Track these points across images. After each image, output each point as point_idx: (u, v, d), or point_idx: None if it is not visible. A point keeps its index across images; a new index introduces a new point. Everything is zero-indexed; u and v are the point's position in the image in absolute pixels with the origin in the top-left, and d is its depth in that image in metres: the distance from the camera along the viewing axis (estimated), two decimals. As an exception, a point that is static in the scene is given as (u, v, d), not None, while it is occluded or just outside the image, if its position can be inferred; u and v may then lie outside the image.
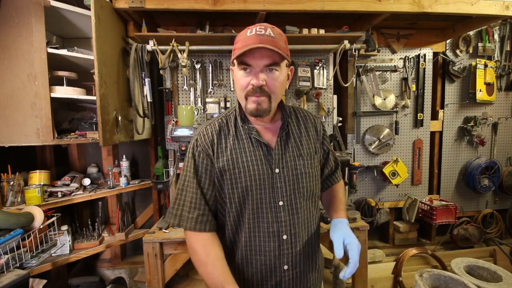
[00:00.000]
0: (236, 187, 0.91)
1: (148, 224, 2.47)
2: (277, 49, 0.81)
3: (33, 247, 1.61)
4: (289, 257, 0.93)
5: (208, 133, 0.96)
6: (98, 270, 2.40)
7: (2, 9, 1.60)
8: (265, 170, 0.91)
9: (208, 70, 2.24)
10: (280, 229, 0.91)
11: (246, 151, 0.93)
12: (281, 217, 0.91)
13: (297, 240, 0.93)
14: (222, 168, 0.92)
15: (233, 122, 0.97)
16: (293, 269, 0.94)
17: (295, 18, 2.10)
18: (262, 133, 0.95)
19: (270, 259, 0.93)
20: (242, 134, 0.95)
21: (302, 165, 0.95)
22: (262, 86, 0.84)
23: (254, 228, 0.92)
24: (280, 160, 0.93)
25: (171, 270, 1.75)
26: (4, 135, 1.65)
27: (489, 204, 2.63)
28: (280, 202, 0.92)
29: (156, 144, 2.38)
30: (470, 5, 1.93)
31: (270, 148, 0.93)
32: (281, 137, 0.95)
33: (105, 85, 1.68)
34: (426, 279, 1.66)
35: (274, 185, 0.92)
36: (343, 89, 2.36)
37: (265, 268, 0.93)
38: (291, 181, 0.93)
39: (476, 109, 2.56)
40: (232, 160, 0.92)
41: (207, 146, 0.94)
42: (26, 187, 1.74)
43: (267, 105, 0.87)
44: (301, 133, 1.00)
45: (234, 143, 0.94)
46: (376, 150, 2.44)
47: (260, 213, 0.92)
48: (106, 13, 1.71)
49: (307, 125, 1.02)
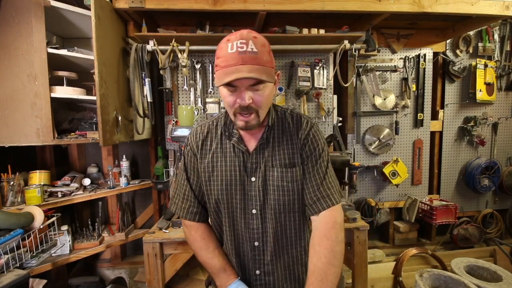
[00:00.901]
0: (212, 189, 0.94)
1: (148, 224, 2.47)
2: (259, 76, 0.75)
3: (33, 247, 1.61)
4: (261, 263, 0.94)
5: (197, 134, 0.98)
6: (98, 270, 2.40)
7: (2, 9, 1.60)
8: (241, 177, 0.92)
9: (208, 70, 2.24)
10: (252, 236, 0.93)
11: (226, 156, 0.94)
12: (253, 224, 0.92)
13: (267, 248, 0.93)
14: (203, 170, 0.95)
15: (221, 126, 0.97)
16: (265, 276, 0.95)
17: (295, 18, 2.10)
18: (245, 139, 0.94)
19: (246, 261, 0.96)
20: (225, 139, 0.95)
21: (276, 177, 0.90)
22: (249, 105, 0.81)
23: (231, 231, 0.95)
24: (258, 169, 0.92)
25: (171, 270, 1.75)
26: (4, 135, 1.65)
27: (489, 204, 2.63)
28: (254, 210, 0.92)
29: (156, 144, 2.38)
30: (470, 5, 1.93)
31: (248, 155, 0.92)
32: (260, 145, 0.92)
33: (105, 85, 1.68)
34: (426, 279, 1.66)
35: (249, 193, 0.92)
36: (343, 89, 2.36)
37: (242, 270, 0.97)
38: (264, 191, 0.91)
39: (476, 109, 2.56)
40: (213, 163, 0.94)
41: (194, 146, 0.97)
42: (26, 187, 1.74)
43: (256, 120, 0.84)
44: (282, 142, 0.92)
45: (217, 147, 0.95)
46: (376, 150, 2.44)
47: (234, 218, 0.94)
48: (106, 13, 1.71)
49: (293, 134, 0.92)
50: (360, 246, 1.81)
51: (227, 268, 0.96)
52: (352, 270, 1.85)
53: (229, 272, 0.96)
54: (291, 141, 0.93)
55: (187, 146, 1.00)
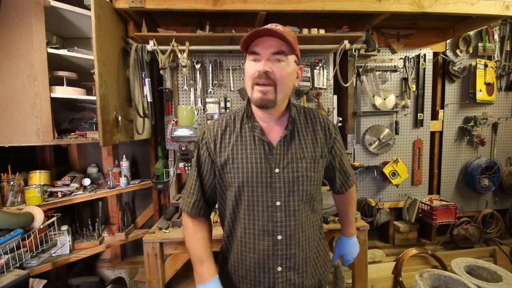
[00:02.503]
0: (233, 181, 0.94)
1: (148, 224, 2.47)
2: (281, 40, 0.84)
3: (33, 247, 1.61)
4: (283, 259, 0.92)
5: (214, 129, 1.00)
6: (98, 270, 2.40)
7: (2, 9, 1.60)
8: (264, 169, 0.91)
9: (208, 70, 2.25)
10: (275, 229, 0.91)
11: (247, 148, 0.94)
12: (277, 217, 0.91)
13: (292, 242, 0.92)
14: (223, 163, 0.95)
15: (240, 119, 0.99)
16: (287, 271, 0.93)
17: (295, 18, 2.10)
18: (266, 131, 0.95)
19: (264, 258, 0.93)
20: (246, 131, 0.96)
21: (304, 168, 0.93)
22: (267, 72, 0.85)
23: (249, 225, 0.93)
24: (281, 160, 0.92)
25: (171, 270, 1.75)
26: (4, 135, 1.65)
27: (489, 204, 2.63)
28: (278, 202, 0.91)
29: (156, 144, 2.38)
30: (470, 5, 1.93)
31: (272, 147, 0.93)
32: (285, 137, 0.94)
33: (105, 85, 1.68)
34: (426, 279, 1.66)
35: (273, 185, 0.91)
36: (343, 89, 2.36)
37: (258, 267, 0.93)
38: (291, 182, 0.92)
39: (476, 109, 2.56)
40: (232, 156, 0.94)
41: (210, 141, 0.98)
42: (26, 187, 1.74)
43: (273, 95, 0.87)
44: (307, 135, 0.98)
45: (237, 140, 0.95)
46: (376, 150, 2.44)
47: (255, 211, 0.92)
48: (106, 13, 1.71)
49: (315, 128, 1.00)
50: (360, 246, 1.81)
51: (205, 262, 0.95)
52: (352, 270, 1.85)
53: (207, 266, 0.95)
54: (316, 135, 0.99)
55: (202, 141, 1.01)
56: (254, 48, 0.87)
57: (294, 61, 0.91)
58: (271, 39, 0.85)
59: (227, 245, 1.02)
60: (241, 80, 2.28)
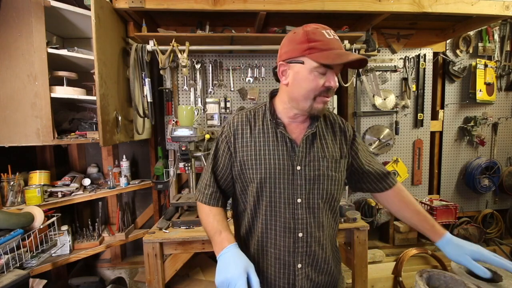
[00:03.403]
0: (254, 177, 0.94)
1: (148, 224, 2.47)
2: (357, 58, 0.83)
3: (33, 247, 1.61)
4: (303, 256, 0.93)
5: (234, 123, 1.00)
6: (98, 270, 2.40)
7: (2, 9, 1.60)
8: (286, 166, 0.92)
9: (208, 70, 2.25)
10: (297, 226, 0.92)
11: (269, 144, 0.94)
12: (298, 214, 0.92)
13: (312, 240, 0.93)
14: (243, 158, 0.96)
15: (262, 115, 0.99)
16: (306, 267, 0.94)
17: (295, 18, 2.10)
18: (289, 128, 0.96)
19: (284, 254, 0.93)
20: (268, 127, 0.97)
21: (326, 167, 0.94)
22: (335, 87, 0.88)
23: (270, 221, 0.94)
24: (304, 158, 0.93)
25: (171, 270, 1.75)
26: (4, 135, 1.65)
27: (489, 204, 2.63)
28: (299, 199, 0.92)
29: (156, 144, 2.38)
30: (470, 5, 1.93)
31: (295, 145, 0.94)
32: (308, 136, 0.95)
33: (105, 85, 1.68)
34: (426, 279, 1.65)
35: (294, 182, 0.92)
36: (343, 89, 2.36)
37: (279, 263, 0.94)
38: (312, 180, 0.93)
39: (476, 109, 2.56)
40: (254, 151, 0.95)
41: (230, 135, 0.99)
42: (26, 187, 1.74)
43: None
44: (328, 135, 0.99)
45: (259, 135, 0.96)
46: (376, 150, 2.44)
47: (277, 207, 0.93)
48: (106, 13, 1.71)
49: (335, 129, 1.02)
50: (360, 246, 1.81)
51: (223, 231, 0.93)
52: (352, 270, 1.85)
53: (225, 234, 0.92)
54: (336, 136, 1.01)
55: (222, 135, 1.01)
56: (330, 62, 0.83)
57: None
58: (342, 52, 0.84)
59: (245, 241, 1.01)
60: (241, 80, 2.28)
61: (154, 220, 2.43)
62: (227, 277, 0.80)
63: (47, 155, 2.16)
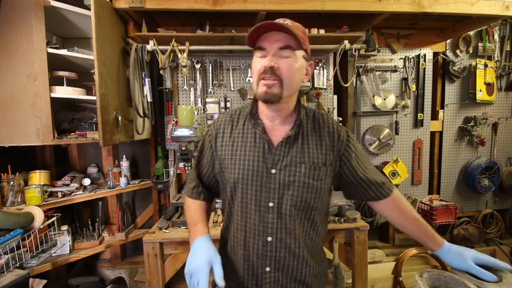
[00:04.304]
0: (230, 177, 0.93)
1: (148, 224, 2.47)
2: (291, 31, 0.80)
3: (33, 247, 1.61)
4: (272, 260, 0.91)
5: (218, 122, 1.01)
6: (98, 270, 2.40)
7: (2, 9, 1.60)
8: (261, 168, 0.90)
9: (208, 70, 2.24)
10: (266, 230, 0.90)
11: (247, 145, 0.93)
12: (269, 218, 0.90)
13: (281, 246, 0.90)
14: (221, 157, 0.96)
15: (245, 116, 0.98)
16: (276, 272, 0.91)
17: (295, 18, 2.06)
18: (270, 130, 0.94)
19: (253, 256, 0.92)
20: (248, 128, 0.95)
21: (303, 173, 0.89)
22: (273, 67, 0.82)
23: (241, 222, 0.93)
24: (280, 162, 0.90)
25: (171, 270, 1.75)
26: (4, 135, 1.65)
27: (489, 204, 2.63)
28: (271, 203, 0.89)
29: (156, 144, 2.38)
30: (470, 5, 1.93)
31: (272, 147, 0.91)
32: (288, 138, 0.91)
33: (105, 85, 1.68)
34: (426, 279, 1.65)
35: (268, 185, 0.89)
36: (343, 89, 2.36)
37: (247, 264, 0.93)
38: (286, 185, 0.89)
39: (476, 109, 2.56)
40: (231, 151, 0.94)
41: (214, 133, 1.00)
42: (26, 187, 1.74)
43: (278, 90, 0.84)
44: (313, 139, 0.93)
45: (239, 135, 0.95)
46: (376, 150, 2.44)
47: (248, 209, 0.92)
48: (106, 13, 1.71)
49: (322, 133, 0.94)
50: (360, 246, 1.81)
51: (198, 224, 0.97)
52: (352, 270, 1.85)
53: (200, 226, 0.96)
54: (322, 140, 0.93)
55: (207, 133, 1.03)
56: (261, 43, 0.85)
57: (302, 57, 0.88)
58: (278, 33, 0.83)
59: (223, 238, 1.04)
60: (241, 80, 2.28)
61: (154, 220, 2.43)
62: (189, 268, 0.85)
63: (47, 155, 2.16)
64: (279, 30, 0.83)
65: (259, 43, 0.86)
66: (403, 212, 0.98)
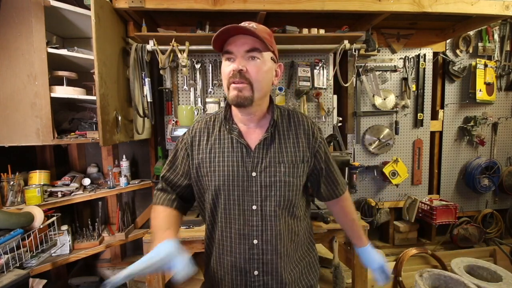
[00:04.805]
0: (209, 185, 0.92)
1: (148, 224, 2.46)
2: (255, 33, 0.80)
3: (33, 247, 1.61)
4: (259, 263, 0.91)
5: (194, 129, 0.99)
6: (98, 270, 2.40)
7: (2, 9, 1.60)
8: (241, 172, 0.90)
9: (208, 70, 2.25)
10: (251, 233, 0.90)
11: (225, 151, 0.92)
12: (253, 221, 0.90)
13: (268, 248, 0.90)
14: (198, 165, 0.95)
15: (219, 122, 0.97)
16: (264, 275, 0.91)
17: (295, 18, 2.10)
18: (245, 134, 0.94)
19: (240, 261, 0.91)
20: (224, 133, 0.94)
21: (283, 172, 0.90)
22: (241, 71, 0.83)
23: (226, 228, 0.93)
24: (259, 164, 0.90)
25: (171, 270, 1.75)
26: (4, 135, 1.65)
27: (489, 204, 2.63)
28: (254, 206, 0.90)
29: (156, 144, 2.38)
30: (470, 5, 1.93)
31: (250, 150, 0.91)
32: (264, 140, 0.92)
33: (105, 85, 1.68)
34: (426, 279, 1.66)
35: (250, 188, 0.90)
36: (343, 89, 2.37)
37: (235, 270, 0.92)
38: (268, 186, 0.90)
39: (476, 109, 2.56)
40: (210, 159, 0.93)
41: (189, 141, 0.98)
42: (26, 187, 1.74)
43: (249, 93, 0.85)
44: (290, 137, 0.95)
45: (215, 142, 0.94)
46: (376, 150, 2.44)
47: (232, 214, 0.91)
48: (106, 13, 1.71)
49: (298, 131, 0.96)
50: (360, 246, 1.81)
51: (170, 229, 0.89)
52: (352, 270, 1.85)
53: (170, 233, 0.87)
54: (299, 138, 0.96)
55: (182, 141, 1.00)
56: (228, 47, 0.85)
57: (271, 59, 0.89)
58: (244, 37, 0.83)
59: (208, 247, 1.00)
60: (241, 80, 2.27)
61: (154, 220, 2.43)
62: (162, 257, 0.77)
63: (47, 155, 2.16)
64: (245, 33, 0.83)
65: (226, 47, 0.86)
66: (345, 212, 1.11)
